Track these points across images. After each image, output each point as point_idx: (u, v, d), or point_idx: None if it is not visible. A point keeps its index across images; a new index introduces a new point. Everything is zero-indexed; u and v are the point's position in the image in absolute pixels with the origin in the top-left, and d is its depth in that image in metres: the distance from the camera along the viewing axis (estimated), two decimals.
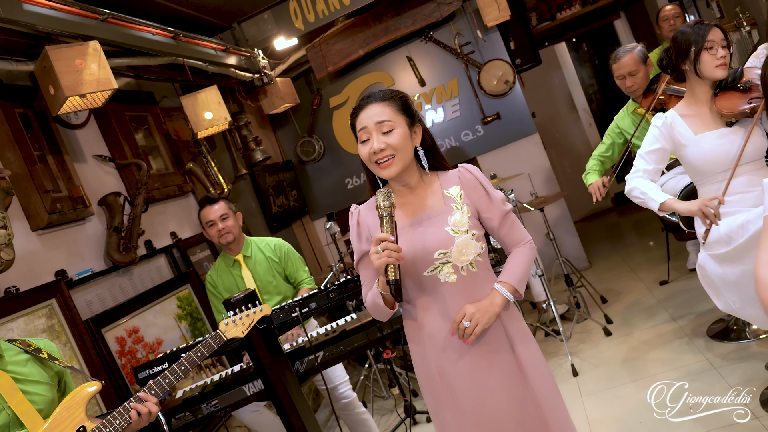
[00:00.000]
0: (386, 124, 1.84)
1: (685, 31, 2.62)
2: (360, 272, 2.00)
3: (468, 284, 1.87)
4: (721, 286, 2.58)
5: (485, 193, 1.93)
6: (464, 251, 1.84)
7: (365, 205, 2.00)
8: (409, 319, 1.98)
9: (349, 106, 6.14)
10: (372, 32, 5.62)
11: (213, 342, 2.27)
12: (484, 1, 5.38)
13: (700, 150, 2.62)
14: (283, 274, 3.50)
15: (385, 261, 1.71)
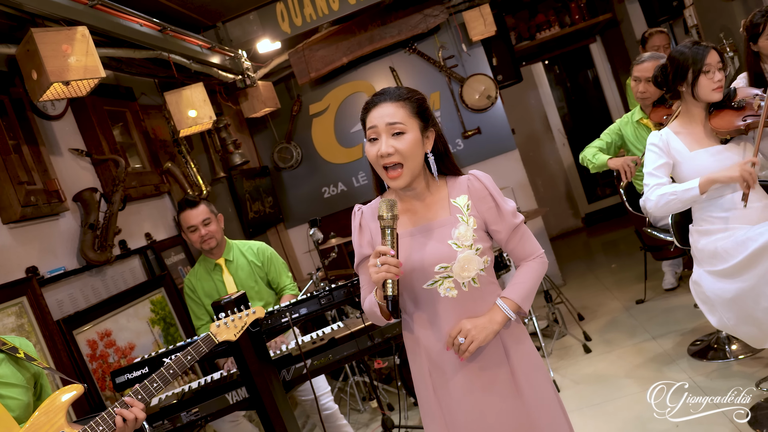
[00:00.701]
0: (397, 126, 1.74)
1: (683, 51, 2.62)
2: (359, 275, 1.92)
3: (469, 300, 1.79)
4: (717, 303, 2.58)
5: (494, 205, 1.83)
6: (466, 267, 1.75)
7: (369, 206, 1.91)
8: (407, 331, 1.90)
9: (329, 113, 6.07)
10: (357, 40, 5.57)
11: (204, 344, 2.15)
12: (471, 16, 5.40)
13: (696, 167, 2.63)
14: (265, 279, 3.39)
15: (383, 276, 1.63)
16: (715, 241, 2.58)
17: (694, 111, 2.68)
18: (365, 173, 6.10)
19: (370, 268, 1.65)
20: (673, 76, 2.65)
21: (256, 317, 2.25)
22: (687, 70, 2.60)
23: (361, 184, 6.12)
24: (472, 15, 5.39)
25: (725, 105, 2.64)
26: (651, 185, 2.67)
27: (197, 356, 2.11)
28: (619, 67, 7.78)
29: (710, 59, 2.56)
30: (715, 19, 4.71)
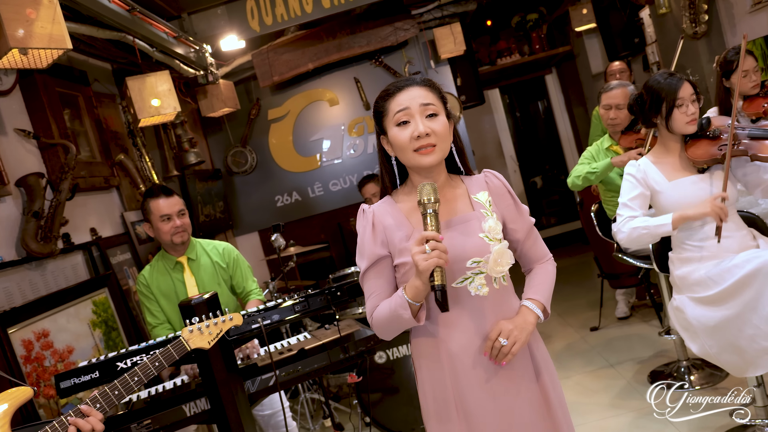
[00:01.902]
0: (431, 107, 1.66)
1: (659, 82, 2.62)
2: (369, 281, 1.73)
3: (498, 299, 1.69)
4: (700, 330, 2.56)
5: (513, 203, 1.79)
6: (500, 261, 1.65)
7: (379, 205, 1.77)
8: (423, 336, 1.74)
9: (288, 120, 5.88)
10: (324, 47, 5.44)
11: (174, 351, 1.92)
12: (441, 33, 5.37)
13: (675, 196, 2.63)
14: (229, 282, 3.16)
15: (435, 263, 1.49)
16: (699, 269, 2.56)
17: (670, 142, 2.69)
18: (321, 184, 5.93)
19: (417, 256, 1.50)
20: (649, 107, 2.65)
21: (233, 324, 2.05)
22: (661, 103, 2.60)
23: (317, 195, 5.94)
24: (442, 32, 5.36)
25: (701, 135, 2.66)
26: (624, 217, 2.66)
27: (166, 363, 1.89)
28: (573, 99, 7.96)
29: (683, 92, 2.57)
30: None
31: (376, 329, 1.74)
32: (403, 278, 1.69)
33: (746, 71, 3.40)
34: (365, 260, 1.73)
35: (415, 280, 1.56)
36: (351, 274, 4.12)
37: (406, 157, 1.66)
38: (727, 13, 4.40)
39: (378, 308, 1.71)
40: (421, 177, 1.72)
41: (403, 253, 1.67)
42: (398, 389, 3.62)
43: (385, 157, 1.77)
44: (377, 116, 1.74)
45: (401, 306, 1.61)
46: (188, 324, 1.99)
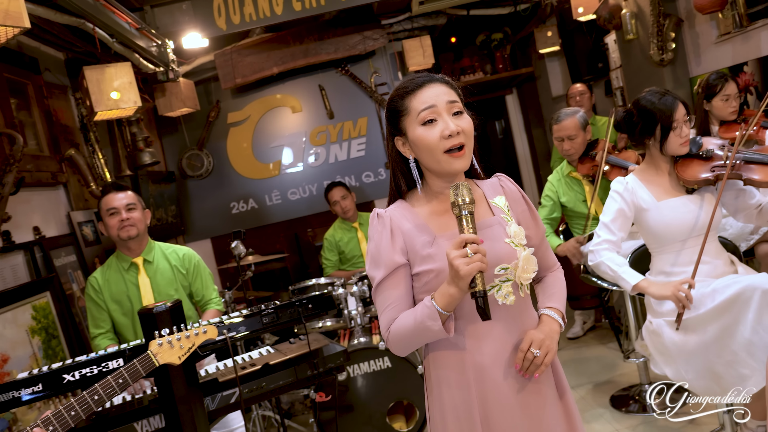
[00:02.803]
0: (456, 105, 1.57)
1: (654, 103, 2.56)
2: (385, 292, 1.59)
3: (522, 307, 1.61)
4: (676, 355, 2.52)
5: (527, 208, 1.71)
6: (526, 267, 1.57)
7: (395, 210, 1.64)
8: (446, 350, 1.60)
9: (248, 124, 5.69)
10: (290, 52, 5.29)
11: (141, 366, 1.73)
12: (411, 45, 5.31)
13: (663, 216, 2.59)
14: (188, 289, 2.96)
15: (478, 266, 1.38)
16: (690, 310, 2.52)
17: (660, 161, 2.65)
18: (280, 192, 5.75)
19: (456, 260, 1.38)
20: (641, 129, 2.60)
21: (206, 338, 1.87)
22: (655, 125, 2.56)
23: (274, 203, 5.75)
24: (412, 44, 5.29)
25: (692, 155, 2.63)
26: (601, 239, 2.62)
27: (131, 380, 1.70)
28: (532, 120, 8.04)
29: (678, 114, 2.54)
30: (642, 82, 4.92)
31: (394, 343, 1.60)
32: (425, 287, 1.57)
33: (727, 96, 3.44)
34: (382, 269, 1.59)
35: (449, 287, 1.44)
36: (312, 286, 3.96)
37: (435, 158, 1.55)
38: (693, 43, 4.49)
39: (398, 320, 1.57)
40: (441, 180, 1.62)
41: (426, 260, 1.57)
42: (353, 407, 3.49)
43: (403, 159, 1.65)
44: (393, 115, 1.62)
45: (429, 317, 1.48)
46: (157, 336, 1.80)
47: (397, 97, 1.60)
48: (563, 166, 3.82)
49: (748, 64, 3.95)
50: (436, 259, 1.54)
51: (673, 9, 4.57)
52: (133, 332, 2.89)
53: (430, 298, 1.48)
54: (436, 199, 1.63)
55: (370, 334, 3.75)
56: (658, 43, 4.48)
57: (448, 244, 1.53)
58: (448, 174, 1.58)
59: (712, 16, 4.19)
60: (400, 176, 1.67)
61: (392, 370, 3.56)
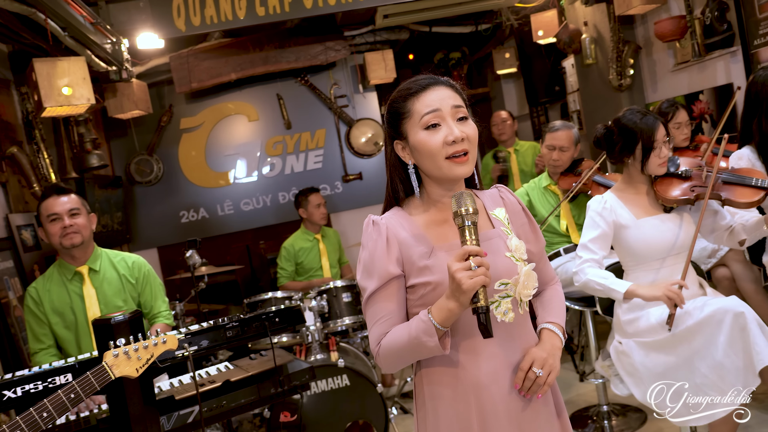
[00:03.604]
0: (461, 110, 1.49)
1: (635, 122, 2.56)
2: (377, 304, 1.50)
3: (521, 325, 1.53)
4: (645, 376, 2.50)
5: (528, 221, 1.64)
6: (527, 283, 1.50)
7: (391, 217, 1.55)
8: (440, 366, 1.51)
9: (202, 131, 5.50)
10: (249, 58, 5.15)
11: (95, 380, 1.57)
12: (373, 58, 5.26)
13: (642, 234, 2.58)
14: (136, 300, 2.77)
15: (482, 281, 1.30)
16: (649, 314, 2.52)
17: (638, 180, 2.66)
18: (232, 203, 5.57)
19: (459, 273, 1.30)
20: (621, 147, 2.60)
21: (166, 349, 1.72)
22: (635, 144, 2.56)
23: (226, 213, 5.56)
24: (374, 57, 5.25)
25: (671, 174, 2.65)
26: (584, 259, 2.59)
27: (83, 395, 1.54)
28: (484, 141, 8.11)
29: (659, 135, 2.56)
30: (599, 106, 5.02)
31: (385, 359, 1.50)
32: (420, 301, 1.49)
33: (679, 123, 3.51)
34: (374, 279, 1.49)
35: (449, 301, 1.36)
36: (269, 299, 3.82)
37: (437, 164, 1.47)
38: (650, 70, 4.61)
39: (390, 335, 1.48)
40: (442, 188, 1.54)
41: (423, 272, 1.48)
42: (305, 427, 3.35)
43: (402, 164, 1.56)
44: (394, 118, 1.54)
45: (425, 332, 1.39)
46: (112, 347, 1.65)
47: (399, 98, 1.52)
48: (541, 178, 3.81)
49: (703, 93, 4.06)
50: (433, 271, 1.46)
51: (632, 36, 4.69)
52: (77, 347, 2.68)
53: (427, 313, 1.40)
54: (435, 207, 1.55)
55: (327, 351, 3.62)
56: (617, 69, 4.58)
57: (446, 255, 1.46)
58: (450, 180, 1.51)
59: (670, 45, 4.31)
60: (398, 182, 1.58)
61: (350, 388, 3.44)
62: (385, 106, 1.58)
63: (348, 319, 3.86)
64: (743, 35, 3.62)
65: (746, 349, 2.25)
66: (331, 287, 3.84)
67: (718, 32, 3.81)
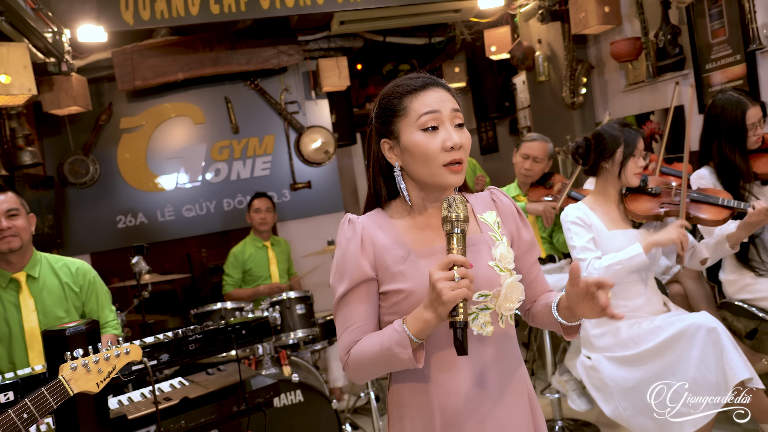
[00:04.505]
0: (459, 116, 1.41)
1: (614, 132, 2.61)
2: (348, 308, 1.41)
3: (501, 341, 1.43)
4: (615, 391, 2.50)
5: (522, 226, 1.55)
6: (510, 296, 1.40)
7: (369, 218, 1.46)
8: (410, 382, 1.41)
9: (144, 132, 5.23)
10: (198, 58, 4.94)
11: (51, 397, 1.39)
12: (327, 65, 5.16)
13: (613, 246, 2.59)
14: (80, 309, 2.54)
15: (463, 293, 1.21)
16: (620, 328, 2.52)
17: (611, 190, 2.67)
18: (173, 208, 5.31)
19: (440, 284, 1.21)
20: (600, 152, 2.62)
21: (129, 360, 1.55)
22: (616, 149, 2.58)
23: (167, 219, 5.30)
24: (328, 64, 5.14)
25: (641, 190, 2.68)
26: (589, 259, 2.54)
27: (38, 414, 1.35)
28: None
29: (640, 145, 2.60)
30: (550, 123, 5.09)
31: (354, 369, 1.40)
32: (392, 309, 1.39)
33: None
34: (346, 281, 1.40)
35: (426, 311, 1.27)
36: (218, 310, 3.62)
37: (431, 170, 1.38)
38: (602, 90, 4.71)
39: (361, 343, 1.38)
40: (428, 194, 1.45)
41: (396, 278, 1.38)
42: None
43: (387, 165, 1.46)
44: (386, 114, 1.43)
45: (399, 343, 1.29)
46: (68, 358, 1.46)
47: (396, 94, 1.42)
48: (510, 188, 3.80)
49: (654, 113, 4.17)
50: (408, 278, 1.37)
51: (584, 56, 4.78)
52: (8, 363, 2.43)
53: (401, 323, 1.31)
54: (418, 212, 1.46)
55: (279, 365, 3.46)
56: (570, 87, 4.65)
57: (423, 262, 1.38)
58: (441, 187, 1.42)
59: (622, 66, 4.41)
60: (382, 183, 1.48)
61: (304, 405, 3.29)
62: (376, 101, 1.47)
63: (301, 332, 3.71)
64: (695, 59, 3.74)
65: (719, 364, 2.27)
66: (284, 298, 3.69)
67: (671, 55, 3.92)
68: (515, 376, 1.44)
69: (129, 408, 2.14)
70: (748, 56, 3.35)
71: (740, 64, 3.43)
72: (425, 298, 1.27)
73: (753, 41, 3.20)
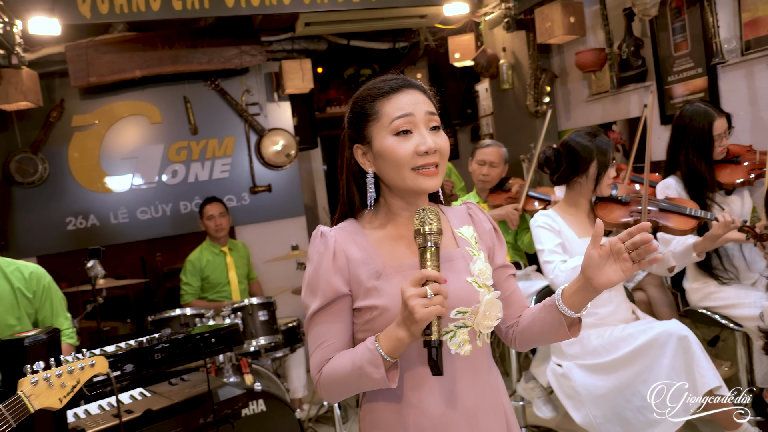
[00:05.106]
0: (435, 118, 1.36)
1: (586, 144, 2.59)
2: (320, 325, 1.34)
3: (477, 360, 1.37)
4: (586, 399, 2.50)
5: (498, 243, 1.51)
6: (488, 313, 1.35)
7: (342, 230, 1.39)
8: (383, 401, 1.36)
9: (98, 130, 5.03)
10: (157, 56, 4.78)
11: (10, 415, 1.28)
12: (291, 66, 5.07)
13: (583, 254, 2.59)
14: (33, 317, 2.39)
15: (437, 311, 1.16)
16: (589, 335, 2.52)
17: (582, 201, 2.68)
18: (127, 210, 5.11)
19: (413, 301, 1.15)
20: (573, 166, 2.61)
21: (95, 373, 1.44)
22: (590, 163, 2.57)
23: (120, 222, 5.10)
24: (292, 66, 5.05)
25: (611, 198, 2.69)
26: (556, 262, 2.53)
27: None
28: None
29: (612, 154, 2.61)
30: (513, 131, 5.12)
31: (325, 388, 1.34)
32: (366, 326, 1.33)
33: None
34: (318, 297, 1.33)
35: (398, 329, 1.21)
36: (177, 317, 3.49)
37: (402, 175, 1.33)
38: (564, 99, 4.77)
39: (332, 362, 1.32)
40: (403, 201, 1.40)
41: (370, 294, 1.32)
42: None
43: (361, 171, 1.40)
44: (357, 119, 1.38)
45: (371, 362, 1.23)
46: (29, 371, 1.35)
47: (367, 97, 1.37)
48: (469, 196, 3.81)
49: (617, 123, 4.24)
50: (382, 294, 1.31)
51: (548, 65, 4.83)
52: None
53: (374, 340, 1.25)
54: (393, 222, 1.40)
55: (240, 374, 3.36)
56: (534, 95, 4.69)
57: (398, 277, 1.32)
58: (414, 193, 1.37)
59: (585, 76, 4.47)
60: (355, 191, 1.42)
61: (267, 414, 3.18)
62: (348, 105, 1.42)
63: (263, 339, 3.61)
64: (658, 71, 3.81)
65: (689, 372, 2.29)
66: (246, 304, 3.58)
67: (633, 67, 3.99)
68: (492, 395, 1.40)
69: (87, 422, 2.01)
70: (710, 70, 3.43)
71: (702, 77, 3.51)
72: (398, 316, 1.22)
73: (716, 55, 3.28)
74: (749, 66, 3.26)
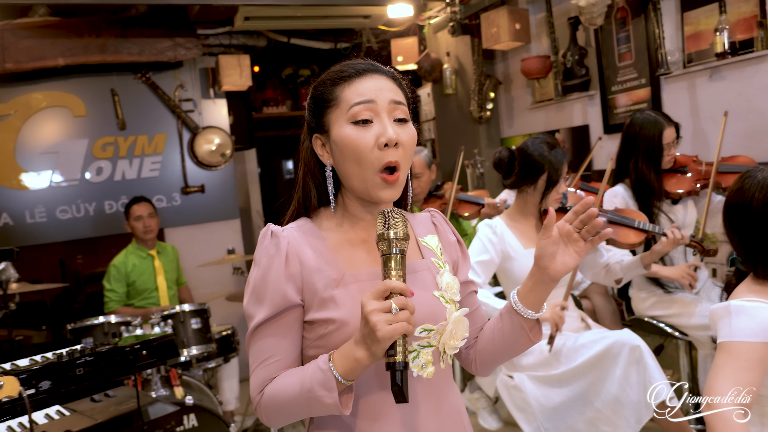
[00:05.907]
0: (401, 109, 1.21)
1: (543, 154, 2.51)
2: (266, 339, 1.17)
3: (439, 383, 1.22)
4: (538, 411, 2.43)
5: (462, 255, 1.38)
6: (455, 332, 1.21)
7: (296, 231, 1.22)
8: (334, 429, 1.19)
9: (14, 121, 4.64)
10: (83, 44, 4.45)
11: None
12: (228, 62, 4.85)
13: (528, 265, 2.51)
14: None
15: (403, 328, 1.01)
16: (543, 347, 2.46)
17: (530, 209, 2.62)
18: (46, 209, 4.74)
19: (376, 315, 1.00)
20: (524, 174, 2.54)
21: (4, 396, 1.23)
22: (540, 175, 2.51)
23: (37, 221, 4.72)
24: (229, 61, 4.83)
25: (560, 208, 2.65)
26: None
27: None
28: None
29: (564, 171, 2.55)
30: (455, 136, 5.08)
31: (267, 411, 1.16)
32: (319, 342, 1.17)
33: None
34: (265, 306, 1.16)
35: (357, 348, 1.06)
36: (100, 325, 3.21)
37: (362, 174, 1.18)
38: (507, 106, 4.76)
39: (277, 381, 1.15)
40: (360, 204, 1.25)
41: (326, 305, 1.16)
42: None
43: (319, 164, 1.26)
44: (316, 105, 1.24)
45: (323, 384, 1.07)
46: None
47: (327, 81, 1.23)
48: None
49: (560, 131, 4.26)
50: (339, 306, 1.15)
51: (492, 71, 4.82)
52: None
53: (327, 359, 1.09)
54: (352, 223, 1.26)
55: (170, 386, 3.13)
56: (478, 101, 4.66)
57: (358, 286, 1.17)
58: (372, 200, 1.23)
59: (528, 84, 4.48)
60: (312, 186, 1.26)
61: (198, 430, 2.97)
62: (310, 90, 1.28)
63: (195, 348, 3.39)
64: (602, 81, 3.84)
65: (641, 382, 2.26)
66: (178, 311, 3.35)
67: (577, 76, 4.02)
68: (455, 420, 1.25)
69: None
70: (654, 81, 3.48)
71: (645, 87, 3.56)
72: (357, 333, 1.06)
73: (661, 66, 3.32)
74: (691, 78, 3.32)
